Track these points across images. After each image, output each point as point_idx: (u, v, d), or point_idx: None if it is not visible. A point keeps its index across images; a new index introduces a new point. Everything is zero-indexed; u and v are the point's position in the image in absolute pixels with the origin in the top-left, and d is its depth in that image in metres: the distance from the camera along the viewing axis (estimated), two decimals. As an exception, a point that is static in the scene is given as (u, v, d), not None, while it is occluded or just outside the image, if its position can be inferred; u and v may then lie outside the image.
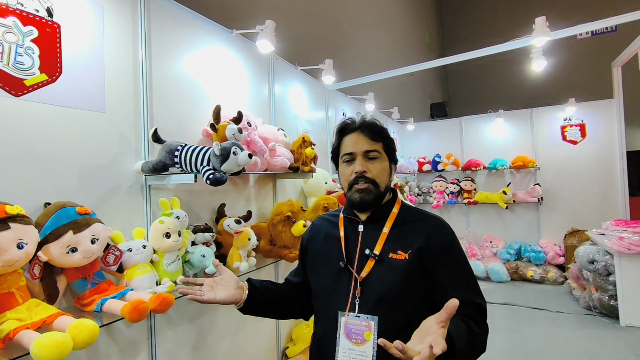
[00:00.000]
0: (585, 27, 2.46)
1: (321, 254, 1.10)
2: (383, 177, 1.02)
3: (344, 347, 0.94)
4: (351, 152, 1.03)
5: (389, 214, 1.04)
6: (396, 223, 1.03)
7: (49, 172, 1.18)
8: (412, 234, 0.99)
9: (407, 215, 1.05)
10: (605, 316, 3.31)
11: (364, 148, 1.01)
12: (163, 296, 1.15)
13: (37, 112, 1.16)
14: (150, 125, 1.50)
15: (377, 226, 1.03)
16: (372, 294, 0.96)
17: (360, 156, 1.01)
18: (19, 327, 0.90)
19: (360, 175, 1.00)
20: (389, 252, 0.98)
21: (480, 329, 0.90)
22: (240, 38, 2.09)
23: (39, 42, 1.16)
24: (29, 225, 0.98)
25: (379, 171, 1.01)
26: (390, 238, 1.00)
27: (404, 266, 0.95)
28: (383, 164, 1.03)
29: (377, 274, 0.97)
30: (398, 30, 7.02)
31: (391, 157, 1.07)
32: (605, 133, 4.50)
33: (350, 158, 1.03)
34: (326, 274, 1.05)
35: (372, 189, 1.00)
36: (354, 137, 1.03)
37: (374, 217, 1.05)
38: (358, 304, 0.96)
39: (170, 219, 1.42)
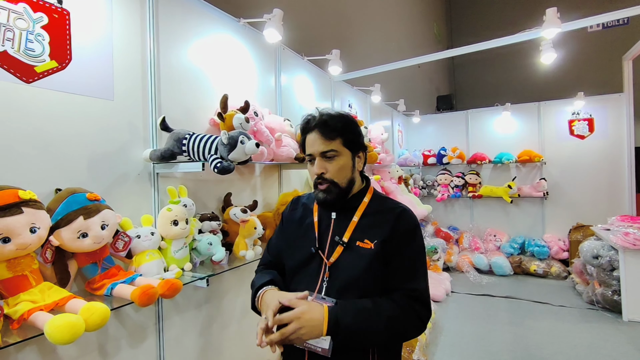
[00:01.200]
0: (597, 19, 2.42)
1: (296, 236, 1.15)
2: (342, 174, 1.05)
3: None
4: (310, 153, 1.06)
5: (359, 204, 1.09)
6: (366, 212, 1.08)
7: (59, 158, 1.19)
8: (379, 224, 1.04)
9: (376, 205, 1.10)
10: (608, 311, 3.32)
11: (320, 149, 1.03)
12: (171, 282, 1.17)
13: (48, 99, 1.17)
14: (158, 114, 1.51)
15: (348, 215, 1.08)
16: (339, 279, 1.02)
17: (318, 157, 1.04)
18: (33, 309, 0.92)
19: (319, 176, 1.05)
20: (356, 240, 1.04)
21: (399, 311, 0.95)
22: (247, 27, 2.08)
23: (49, 28, 1.16)
24: (41, 210, 1.00)
25: (336, 170, 1.04)
26: (359, 227, 1.05)
27: (369, 255, 1.01)
28: (342, 162, 1.05)
29: (345, 260, 1.03)
30: (405, 21, 6.93)
31: (355, 149, 1.08)
32: (613, 128, 4.45)
33: (311, 158, 1.07)
34: (299, 256, 1.11)
35: (332, 188, 1.04)
36: (312, 137, 1.06)
37: (345, 206, 1.09)
38: (326, 287, 1.02)
39: (178, 207, 1.43)
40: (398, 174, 3.87)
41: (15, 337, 0.92)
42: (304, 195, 1.27)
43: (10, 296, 0.95)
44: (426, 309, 1.00)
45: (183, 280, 1.36)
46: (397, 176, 3.85)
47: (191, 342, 1.67)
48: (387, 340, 0.97)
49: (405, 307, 0.96)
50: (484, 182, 5.08)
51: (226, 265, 1.62)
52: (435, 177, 5.25)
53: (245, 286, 2.02)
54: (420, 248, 1.06)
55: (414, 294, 0.99)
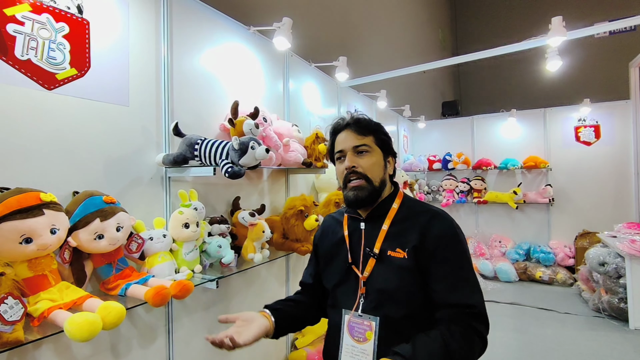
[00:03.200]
0: (602, 28, 2.44)
1: (329, 254, 1.11)
2: (375, 170, 1.01)
3: (347, 343, 0.98)
4: (341, 149, 1.03)
5: (388, 210, 1.03)
6: (396, 219, 1.01)
7: (77, 162, 1.24)
8: (410, 230, 0.97)
9: (407, 210, 1.03)
10: (614, 319, 3.29)
11: (353, 143, 1.01)
12: (183, 283, 1.21)
13: (67, 105, 1.21)
14: (171, 119, 1.55)
15: (378, 223, 1.02)
16: (374, 293, 0.97)
17: (350, 152, 1.02)
18: (53, 307, 0.96)
19: (351, 171, 1.00)
20: (387, 250, 0.97)
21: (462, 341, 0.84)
22: (257, 35, 2.13)
23: (69, 38, 1.21)
24: (60, 212, 1.04)
25: (369, 165, 1.00)
26: (389, 235, 0.99)
27: (402, 265, 0.94)
28: (374, 158, 1.02)
29: (378, 273, 0.97)
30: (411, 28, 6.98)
31: (386, 150, 1.06)
32: (620, 134, 4.44)
33: (341, 155, 1.04)
34: (335, 273, 1.07)
35: (365, 184, 0.99)
36: (343, 134, 1.04)
37: (374, 214, 1.04)
38: (363, 304, 0.97)
39: (189, 210, 1.47)
40: (403, 179, 3.89)
41: (35, 334, 0.96)
42: (330, 214, 1.23)
43: (31, 295, 0.99)
44: (486, 325, 0.90)
45: (193, 281, 1.39)
46: (403, 181, 3.87)
47: (199, 343, 1.69)
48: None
49: (469, 333, 0.86)
50: (489, 188, 5.08)
51: (235, 268, 1.66)
52: (441, 183, 5.25)
53: (253, 288, 2.05)
54: (464, 254, 0.95)
55: (473, 310, 0.88)
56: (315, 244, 1.20)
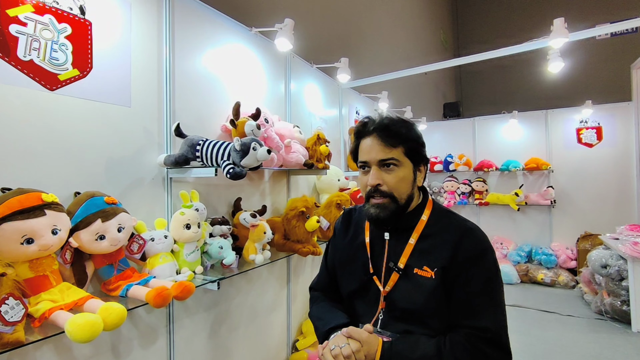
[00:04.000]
0: (604, 29, 2.43)
1: (347, 256, 1.05)
2: (402, 187, 0.91)
3: None
4: (366, 160, 0.93)
5: (416, 223, 0.95)
6: (424, 233, 0.94)
7: (79, 162, 1.24)
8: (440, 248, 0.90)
9: (437, 223, 0.95)
10: (616, 321, 3.28)
11: (378, 157, 0.91)
12: (185, 284, 1.20)
13: (69, 106, 1.21)
14: (172, 120, 1.55)
15: (404, 236, 0.95)
16: (395, 310, 0.91)
17: (375, 166, 0.92)
18: (54, 308, 0.96)
19: (375, 189, 0.91)
20: (414, 267, 0.90)
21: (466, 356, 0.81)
22: (258, 36, 2.13)
23: (72, 38, 1.22)
24: (62, 213, 1.04)
25: (395, 182, 0.91)
26: (416, 251, 0.92)
27: (430, 285, 0.88)
28: (402, 173, 0.91)
29: (402, 290, 0.91)
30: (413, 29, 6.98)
31: (417, 160, 0.95)
32: (622, 136, 4.43)
33: (365, 166, 0.95)
34: (354, 281, 1.01)
35: (389, 204, 0.91)
36: (369, 142, 0.93)
37: (400, 226, 0.96)
38: (382, 320, 0.92)
39: (191, 211, 1.47)
40: (405, 180, 3.88)
41: (37, 334, 0.96)
42: (357, 208, 1.14)
43: (32, 295, 0.99)
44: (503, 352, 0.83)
45: (194, 282, 1.39)
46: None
47: (201, 344, 1.69)
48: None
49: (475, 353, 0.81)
50: (491, 190, 5.07)
51: (236, 269, 1.65)
52: (442, 184, 5.24)
53: (254, 290, 2.05)
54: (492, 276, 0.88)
55: (484, 335, 0.82)
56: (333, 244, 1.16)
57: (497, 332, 0.84)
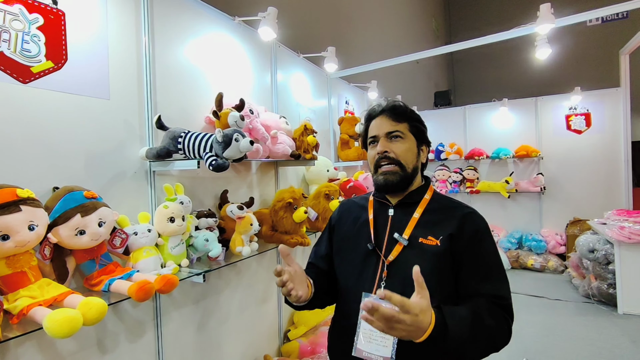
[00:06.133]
0: (592, 14, 2.42)
1: (349, 236, 1.08)
2: (408, 157, 1.00)
3: (365, 328, 0.93)
4: (375, 134, 1.03)
5: (420, 200, 1.02)
6: (428, 209, 1.00)
7: (56, 157, 1.21)
8: (444, 220, 0.96)
9: (439, 202, 1.03)
10: (603, 304, 3.35)
11: (386, 129, 1.01)
12: (168, 277, 1.19)
13: (44, 99, 1.19)
14: (154, 112, 1.52)
15: (408, 211, 1.01)
16: (399, 278, 0.93)
17: (383, 137, 1.01)
18: (32, 304, 0.95)
19: (383, 156, 1.00)
20: (418, 237, 0.95)
21: (494, 321, 0.85)
22: (242, 25, 2.10)
23: (44, 29, 1.18)
24: (39, 208, 1.03)
25: (402, 151, 1.00)
26: (420, 223, 0.98)
27: (435, 252, 0.92)
28: (407, 144, 1.01)
29: (406, 258, 0.94)
30: (404, 17, 6.92)
31: (420, 139, 1.05)
32: (610, 122, 4.46)
33: (374, 140, 1.04)
34: (354, 256, 1.04)
35: (397, 170, 0.99)
36: (378, 120, 1.04)
37: (405, 202, 1.03)
38: (384, 287, 0.94)
39: (174, 204, 1.46)
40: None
41: (15, 331, 0.95)
42: (351, 198, 1.22)
43: (9, 292, 0.98)
44: (512, 317, 0.91)
45: (180, 276, 1.39)
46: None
47: (190, 337, 1.70)
48: (482, 353, 0.86)
49: (499, 317, 0.87)
50: (482, 178, 5.11)
51: (223, 262, 1.65)
52: (433, 173, 5.26)
53: (243, 282, 2.05)
54: (496, 250, 0.97)
55: (502, 302, 0.89)
56: (332, 226, 1.17)
57: (510, 301, 0.92)
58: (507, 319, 0.90)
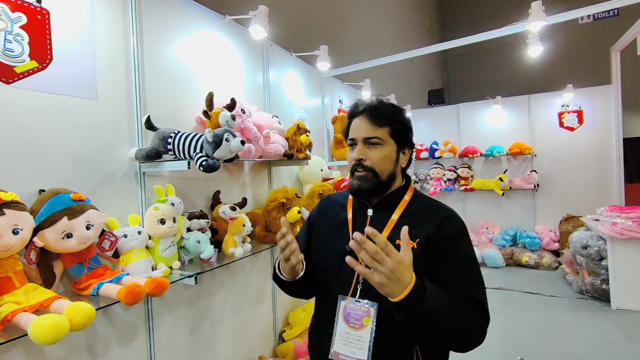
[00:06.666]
0: (582, 12, 2.43)
1: (328, 235, 1.07)
2: (384, 165, 0.98)
3: (341, 330, 0.93)
4: (353, 137, 1.00)
5: (400, 201, 1.01)
6: (407, 211, 0.99)
7: (42, 159, 1.19)
8: (422, 223, 0.95)
9: (419, 204, 1.01)
10: (597, 300, 3.37)
11: (364, 134, 0.97)
12: (158, 280, 1.17)
13: (29, 100, 1.16)
14: (143, 113, 1.50)
15: (387, 212, 0.99)
16: None
17: (360, 143, 0.98)
18: (17, 310, 0.92)
19: (358, 163, 0.98)
20: (396, 239, 0.92)
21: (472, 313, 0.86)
22: (233, 24, 2.07)
23: (28, 28, 1.15)
24: (23, 212, 1.00)
25: (378, 159, 0.97)
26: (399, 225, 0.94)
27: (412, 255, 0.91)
28: (385, 152, 0.98)
29: None
30: (397, 15, 6.92)
31: (401, 142, 1.01)
32: (602, 119, 4.50)
33: (352, 143, 1.01)
34: (331, 256, 1.03)
35: (370, 177, 0.97)
36: (358, 121, 1.00)
37: (384, 203, 1.02)
38: (360, 289, 0.94)
39: (165, 206, 1.44)
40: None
41: (0, 338, 0.92)
42: (331, 195, 1.20)
43: (-6, 298, 0.95)
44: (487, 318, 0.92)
45: (171, 278, 1.37)
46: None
47: (182, 340, 1.67)
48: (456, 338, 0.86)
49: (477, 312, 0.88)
50: (476, 176, 5.12)
51: (215, 263, 1.63)
52: (428, 171, 5.28)
53: (236, 283, 2.03)
54: (474, 254, 0.96)
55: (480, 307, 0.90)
56: (311, 223, 1.16)
57: (486, 306, 0.92)
58: (485, 318, 0.90)
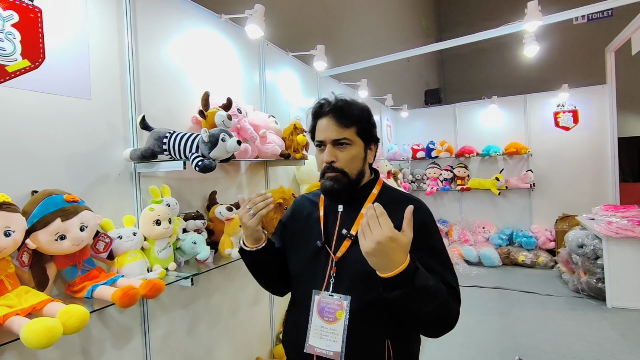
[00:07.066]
0: (579, 12, 2.44)
1: (301, 233, 1.09)
2: (353, 165, 1.00)
3: (316, 324, 0.96)
4: (321, 139, 1.01)
5: (369, 194, 1.04)
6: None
7: (35, 160, 1.17)
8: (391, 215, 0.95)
9: (387, 197, 1.04)
10: (592, 298, 3.39)
11: (332, 136, 0.98)
12: (153, 282, 1.16)
13: (21, 99, 1.14)
14: (138, 113, 1.48)
15: (356, 207, 1.02)
16: (347, 274, 0.96)
17: (330, 144, 0.99)
18: (9, 314, 0.91)
19: (329, 166, 0.99)
20: None
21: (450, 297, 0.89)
22: (229, 23, 2.06)
23: (20, 27, 1.13)
24: (15, 213, 0.98)
25: (348, 160, 0.99)
26: None
27: None
28: (354, 151, 1.00)
29: (353, 254, 0.96)
30: (394, 15, 6.93)
31: (368, 139, 1.04)
32: (597, 119, 4.52)
33: (321, 144, 1.02)
34: (304, 252, 1.05)
35: (341, 177, 0.99)
36: (324, 122, 1.00)
37: (353, 197, 1.04)
38: (333, 283, 0.96)
39: (161, 207, 1.42)
40: (387, 168, 3.89)
41: (-9, 342, 0.91)
42: (304, 195, 1.22)
43: (-15, 301, 0.93)
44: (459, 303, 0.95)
45: (167, 280, 1.35)
46: (386, 171, 3.86)
47: (179, 342, 1.66)
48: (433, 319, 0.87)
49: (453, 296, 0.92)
50: (472, 175, 5.14)
51: (212, 264, 1.61)
52: (424, 171, 5.28)
53: (233, 284, 2.02)
54: (442, 241, 0.99)
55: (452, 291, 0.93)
56: (284, 224, 1.17)
57: (458, 289, 0.96)
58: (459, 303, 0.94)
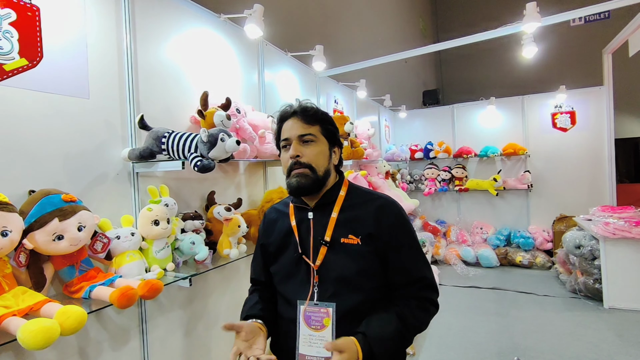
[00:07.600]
0: (577, 13, 2.45)
1: (278, 246, 1.10)
2: (319, 160, 1.01)
3: (304, 333, 0.98)
4: (287, 137, 1.02)
5: (336, 198, 1.05)
6: (344, 206, 1.03)
7: (32, 159, 1.16)
8: (362, 217, 1.00)
9: (355, 197, 1.06)
10: (589, 299, 3.41)
11: (298, 132, 1.01)
12: (152, 282, 1.15)
13: (19, 98, 1.13)
14: (136, 112, 1.47)
15: (326, 211, 1.03)
16: (328, 281, 0.98)
17: (295, 140, 1.01)
18: (6, 314, 0.90)
19: (296, 161, 1.00)
20: (340, 237, 0.99)
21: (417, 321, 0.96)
22: (228, 23, 2.05)
23: (17, 25, 1.13)
24: (12, 213, 0.98)
25: (314, 155, 1.00)
26: (339, 222, 1.01)
27: (357, 251, 0.97)
28: (319, 147, 1.02)
29: (332, 261, 0.98)
30: (391, 16, 6.94)
31: (332, 141, 1.06)
32: (594, 120, 4.55)
33: (287, 144, 1.03)
34: (283, 265, 1.07)
35: (309, 173, 0.99)
36: (290, 122, 1.03)
37: (322, 203, 1.05)
38: (317, 292, 0.98)
39: (159, 207, 1.41)
40: (385, 169, 3.89)
41: (-12, 343, 0.90)
42: (273, 206, 1.22)
43: (-19, 302, 0.92)
44: (436, 291, 1.01)
45: (165, 280, 1.34)
46: (385, 171, 3.86)
47: (177, 343, 1.65)
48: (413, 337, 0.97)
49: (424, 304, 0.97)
50: (470, 176, 5.15)
51: (210, 265, 1.61)
52: (423, 172, 5.29)
53: (231, 285, 2.01)
54: (414, 236, 1.03)
55: (425, 282, 0.99)
56: (262, 244, 1.17)
57: (432, 279, 1.02)
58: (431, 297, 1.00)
